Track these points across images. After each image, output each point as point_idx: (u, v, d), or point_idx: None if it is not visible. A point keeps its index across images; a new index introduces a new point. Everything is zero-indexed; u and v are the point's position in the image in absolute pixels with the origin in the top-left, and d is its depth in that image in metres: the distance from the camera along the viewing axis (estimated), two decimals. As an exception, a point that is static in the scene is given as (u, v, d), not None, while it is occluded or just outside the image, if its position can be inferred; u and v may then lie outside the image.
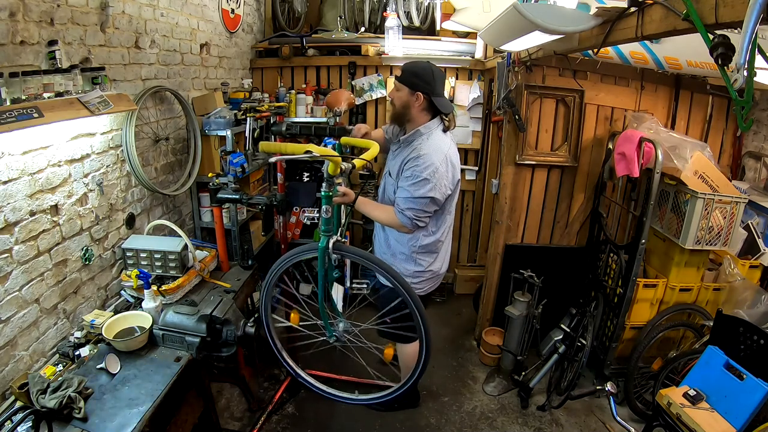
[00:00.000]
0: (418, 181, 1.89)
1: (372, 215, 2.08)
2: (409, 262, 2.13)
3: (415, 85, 1.93)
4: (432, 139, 1.96)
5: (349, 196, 1.88)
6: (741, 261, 2.55)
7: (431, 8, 3.73)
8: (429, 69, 1.94)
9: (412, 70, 1.95)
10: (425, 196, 1.89)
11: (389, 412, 2.57)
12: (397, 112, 2.03)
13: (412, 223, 1.94)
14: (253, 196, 2.16)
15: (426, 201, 1.90)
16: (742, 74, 0.86)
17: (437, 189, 1.90)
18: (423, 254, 2.12)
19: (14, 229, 1.53)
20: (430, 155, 1.89)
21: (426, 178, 1.87)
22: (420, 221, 1.95)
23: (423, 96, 1.93)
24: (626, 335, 2.69)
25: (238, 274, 2.32)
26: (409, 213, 1.92)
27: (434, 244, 2.12)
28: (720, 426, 1.77)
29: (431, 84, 1.93)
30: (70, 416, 1.39)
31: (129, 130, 2.03)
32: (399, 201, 1.95)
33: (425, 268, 2.15)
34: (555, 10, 1.64)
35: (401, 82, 1.97)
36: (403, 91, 1.97)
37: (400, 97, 1.99)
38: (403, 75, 1.97)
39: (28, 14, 1.53)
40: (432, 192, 1.89)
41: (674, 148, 2.51)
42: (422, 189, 1.88)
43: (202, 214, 2.84)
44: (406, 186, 1.92)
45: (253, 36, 3.71)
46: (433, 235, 2.09)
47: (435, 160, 1.88)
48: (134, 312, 1.87)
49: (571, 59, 2.62)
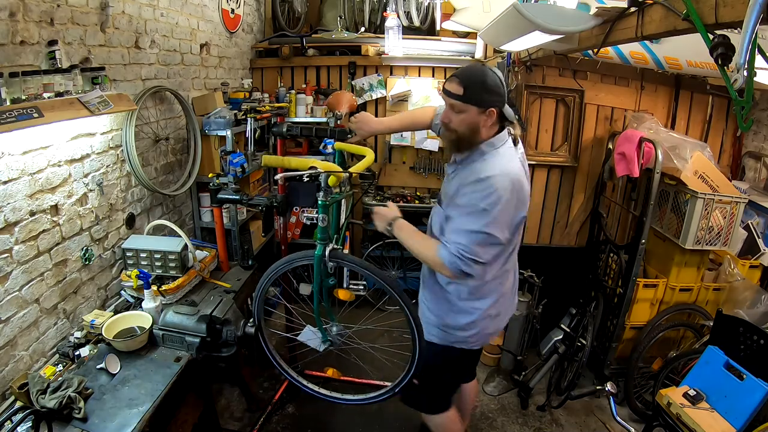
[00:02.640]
0: (474, 212, 1.44)
1: (407, 244, 1.62)
2: (461, 315, 1.67)
3: (486, 101, 1.44)
4: (498, 158, 1.49)
5: (386, 215, 1.61)
6: (741, 261, 2.55)
7: (431, 8, 3.73)
8: (496, 76, 1.47)
9: (480, 83, 1.44)
10: (483, 232, 1.43)
11: (389, 412, 2.57)
12: (461, 138, 1.51)
13: (454, 265, 1.45)
14: (253, 197, 2.15)
15: (484, 239, 1.44)
16: (742, 74, 0.86)
17: (496, 225, 1.44)
18: (473, 301, 1.66)
19: (14, 229, 1.53)
20: (493, 179, 1.43)
21: (485, 208, 1.42)
22: (467, 264, 1.44)
23: (496, 111, 1.46)
24: (626, 335, 2.69)
25: (238, 274, 2.32)
26: (457, 250, 1.44)
27: (484, 287, 1.64)
28: (720, 426, 1.77)
29: (503, 93, 1.47)
30: (70, 416, 1.39)
31: (129, 130, 2.03)
32: (447, 235, 1.51)
33: (481, 315, 1.67)
34: (555, 10, 1.64)
35: (467, 101, 1.45)
36: (469, 112, 1.45)
37: (465, 120, 1.47)
38: (467, 91, 1.44)
39: (28, 14, 1.53)
40: (490, 227, 1.43)
41: (674, 148, 2.51)
42: (477, 222, 1.43)
43: (202, 214, 2.84)
44: (458, 215, 1.48)
45: (253, 36, 3.71)
46: (485, 280, 1.62)
47: (499, 187, 1.42)
48: (134, 312, 1.87)
49: (571, 59, 2.62)
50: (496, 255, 1.52)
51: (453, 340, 1.70)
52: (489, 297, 1.66)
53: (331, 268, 1.68)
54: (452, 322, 1.68)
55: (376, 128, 1.91)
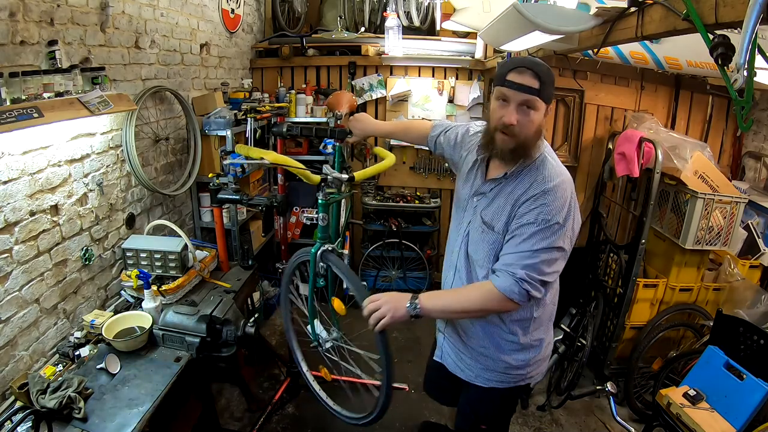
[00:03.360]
0: (547, 227, 1.23)
1: (453, 308, 1.36)
2: (525, 351, 1.46)
3: (551, 96, 1.27)
4: (553, 162, 1.31)
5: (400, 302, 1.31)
6: (741, 261, 2.55)
7: (431, 8, 3.73)
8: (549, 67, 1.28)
9: (550, 75, 1.25)
10: (553, 247, 1.24)
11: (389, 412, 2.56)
12: (524, 145, 1.28)
13: (521, 294, 1.25)
14: (253, 197, 2.15)
15: (553, 255, 1.26)
16: (742, 74, 0.86)
17: (568, 235, 1.27)
18: (537, 331, 1.46)
19: (14, 229, 1.53)
20: (560, 187, 1.25)
21: (558, 222, 1.23)
22: (536, 288, 1.26)
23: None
24: (626, 335, 2.69)
25: (238, 274, 2.32)
26: (524, 274, 1.24)
27: (545, 313, 1.46)
28: (720, 426, 1.77)
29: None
30: (70, 416, 1.39)
31: (129, 130, 2.03)
32: (508, 259, 1.28)
33: (544, 348, 1.51)
34: (555, 10, 1.64)
35: (543, 96, 1.24)
36: (541, 110, 1.26)
37: (536, 121, 1.26)
38: (543, 86, 1.22)
39: (28, 14, 1.53)
40: (562, 240, 1.25)
41: (674, 148, 2.51)
42: (552, 237, 1.24)
43: (202, 214, 2.84)
44: (526, 235, 1.26)
45: (253, 36, 3.71)
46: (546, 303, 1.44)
47: (568, 195, 1.26)
48: (134, 312, 1.87)
49: (571, 59, 2.62)
50: (558, 271, 1.33)
51: (517, 380, 1.50)
52: (550, 323, 1.51)
53: (322, 269, 1.68)
54: (516, 362, 1.46)
55: (373, 130, 1.85)
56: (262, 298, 3.24)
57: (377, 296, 1.33)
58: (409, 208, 3.59)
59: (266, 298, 3.34)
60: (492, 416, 1.60)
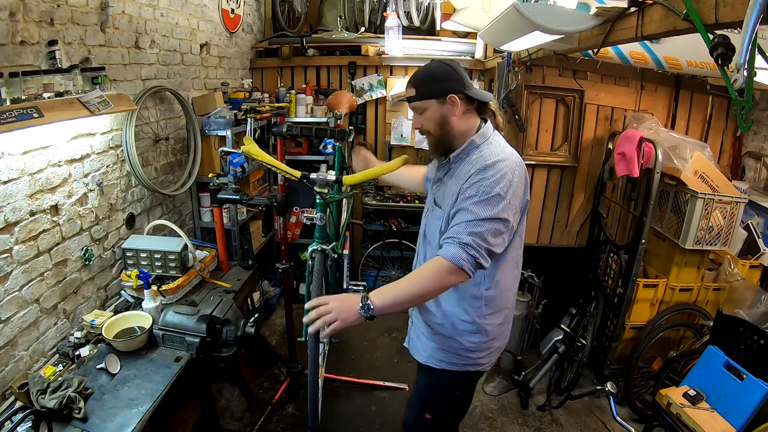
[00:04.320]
0: (488, 198, 1.30)
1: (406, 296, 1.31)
2: (479, 334, 1.50)
3: (440, 90, 1.38)
4: (495, 146, 1.42)
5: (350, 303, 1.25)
6: (741, 261, 2.55)
7: (431, 8, 3.73)
8: (444, 64, 1.42)
9: (427, 77, 1.41)
10: (496, 217, 1.29)
11: (389, 412, 2.57)
12: (438, 138, 1.44)
13: (472, 260, 1.27)
14: (253, 197, 2.15)
15: (496, 225, 1.30)
16: (742, 74, 0.86)
17: (510, 208, 1.32)
18: (492, 316, 1.50)
19: (14, 229, 1.53)
20: (502, 163, 1.34)
21: (499, 194, 1.30)
22: (482, 256, 1.28)
23: (458, 96, 1.38)
24: (626, 335, 2.69)
25: (238, 274, 2.32)
26: (470, 239, 1.27)
27: (502, 295, 1.50)
28: (720, 426, 1.77)
29: (457, 77, 1.39)
30: (70, 416, 1.39)
31: (129, 130, 2.03)
32: (456, 229, 1.31)
33: (498, 337, 1.55)
34: (555, 10, 1.64)
35: (421, 98, 1.40)
36: (430, 108, 1.40)
37: (432, 117, 1.41)
38: (418, 90, 1.41)
39: (28, 14, 1.53)
40: (505, 212, 1.31)
41: (674, 148, 2.51)
42: (494, 208, 1.30)
43: (202, 214, 2.84)
44: (469, 206, 1.31)
45: (253, 36, 3.72)
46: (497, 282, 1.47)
47: (509, 170, 1.34)
48: (134, 312, 1.87)
49: (571, 59, 2.62)
50: (506, 241, 1.37)
51: (466, 363, 1.53)
52: (504, 309, 1.53)
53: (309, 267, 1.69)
54: (468, 344, 1.49)
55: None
56: (262, 298, 3.24)
57: (325, 299, 1.26)
58: (409, 208, 3.59)
59: (266, 298, 3.34)
60: (437, 403, 1.60)
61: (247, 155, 1.73)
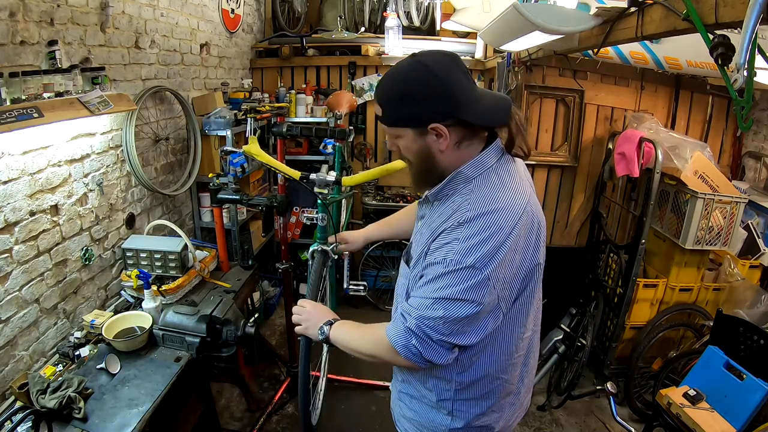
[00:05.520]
0: (454, 271, 0.92)
1: (351, 348, 1.14)
2: (442, 414, 1.13)
3: (416, 116, 0.95)
4: (491, 185, 0.98)
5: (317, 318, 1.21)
6: (741, 261, 2.55)
7: (431, 8, 3.73)
8: (425, 69, 0.94)
9: (396, 96, 0.96)
10: (461, 299, 0.92)
11: (389, 412, 2.56)
12: (420, 172, 1.05)
13: (416, 353, 0.98)
14: (253, 197, 2.15)
15: (461, 309, 0.93)
16: (742, 74, 0.86)
17: (490, 285, 0.92)
18: (467, 402, 1.11)
19: (14, 229, 1.53)
20: (488, 217, 0.93)
21: (473, 266, 0.91)
22: (432, 348, 0.97)
23: (446, 126, 0.94)
24: (626, 335, 2.69)
25: (238, 274, 2.32)
26: (416, 327, 0.96)
27: (486, 382, 1.09)
28: (720, 426, 1.77)
29: (444, 93, 0.93)
30: (70, 416, 1.39)
31: (129, 130, 2.03)
32: (406, 308, 1.00)
33: (471, 422, 1.12)
34: (555, 10, 1.64)
35: (389, 123, 1.00)
36: (404, 136, 0.99)
37: (409, 148, 1.01)
38: (385, 111, 0.99)
39: (28, 14, 1.53)
40: (477, 292, 0.92)
41: (674, 148, 2.51)
42: (460, 286, 0.92)
43: (202, 214, 2.84)
44: (430, 279, 0.96)
45: (253, 36, 3.71)
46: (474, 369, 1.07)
47: (499, 228, 0.92)
48: (134, 312, 1.87)
49: (571, 59, 2.62)
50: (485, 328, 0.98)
51: None
52: (490, 399, 1.11)
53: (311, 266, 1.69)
54: (437, 425, 1.14)
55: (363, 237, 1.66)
56: (262, 298, 3.24)
57: (307, 303, 1.26)
58: (408, 208, 3.58)
59: (266, 298, 3.34)
60: None
61: (247, 155, 1.73)
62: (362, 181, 1.75)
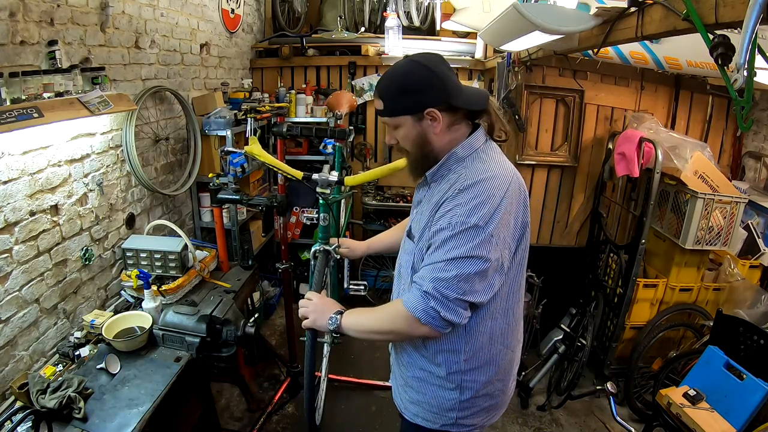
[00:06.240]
0: (461, 231, 1.04)
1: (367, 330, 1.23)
2: (455, 390, 1.21)
3: (414, 104, 1.11)
4: (482, 161, 1.14)
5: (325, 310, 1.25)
6: (741, 261, 2.55)
7: (431, 8, 3.73)
8: (419, 65, 1.11)
9: (397, 86, 1.12)
10: (470, 256, 1.03)
11: (389, 412, 2.56)
12: (417, 159, 1.19)
13: (435, 316, 1.05)
14: (253, 197, 2.15)
15: (472, 266, 1.04)
16: (742, 74, 0.86)
17: (494, 242, 1.05)
18: (472, 371, 1.20)
19: (14, 229, 1.53)
20: (485, 183, 1.07)
21: (477, 224, 1.03)
22: (450, 309, 1.05)
23: (438, 111, 1.10)
24: (626, 335, 2.69)
25: (238, 274, 2.32)
26: (433, 289, 1.05)
27: (490, 347, 1.20)
28: (720, 426, 1.77)
29: (436, 83, 1.09)
30: (70, 416, 1.39)
31: (129, 130, 2.03)
32: (421, 272, 1.11)
33: (478, 392, 1.22)
34: (555, 10, 1.64)
35: (391, 114, 1.14)
36: (404, 124, 1.14)
37: (407, 136, 1.16)
38: (387, 104, 1.14)
39: (28, 14, 1.53)
40: (483, 248, 1.03)
41: (674, 148, 2.51)
42: (468, 244, 1.03)
43: (202, 214, 2.84)
44: (439, 244, 1.07)
45: (253, 36, 3.72)
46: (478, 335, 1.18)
47: (495, 191, 1.06)
48: (134, 312, 1.87)
49: (571, 59, 2.62)
50: (492, 286, 1.10)
51: (444, 422, 1.26)
52: (492, 365, 1.21)
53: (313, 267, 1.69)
54: (442, 401, 1.23)
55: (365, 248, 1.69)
56: (262, 298, 3.24)
57: (314, 296, 1.30)
58: (409, 208, 3.58)
59: (266, 298, 3.34)
60: None
61: (249, 155, 1.73)
62: (364, 181, 1.75)
